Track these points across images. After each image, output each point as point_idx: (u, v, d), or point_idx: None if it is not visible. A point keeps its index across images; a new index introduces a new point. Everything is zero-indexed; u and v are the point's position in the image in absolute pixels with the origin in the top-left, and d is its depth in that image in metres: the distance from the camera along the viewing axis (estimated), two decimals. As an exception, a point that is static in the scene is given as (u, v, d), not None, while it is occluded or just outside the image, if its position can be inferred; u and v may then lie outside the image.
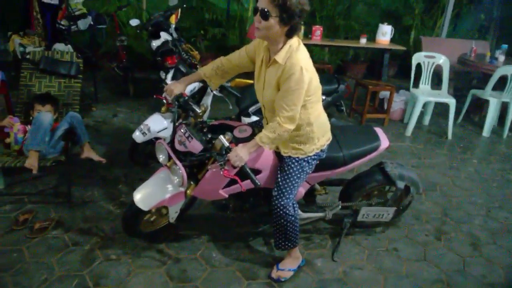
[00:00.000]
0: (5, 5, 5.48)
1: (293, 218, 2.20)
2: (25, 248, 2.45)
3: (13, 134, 2.93)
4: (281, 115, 1.92)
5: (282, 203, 2.13)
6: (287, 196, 2.14)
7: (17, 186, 3.09)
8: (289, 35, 1.88)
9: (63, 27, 4.58)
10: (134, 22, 4.58)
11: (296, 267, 2.41)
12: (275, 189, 2.17)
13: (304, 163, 2.17)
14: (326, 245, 2.71)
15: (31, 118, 2.98)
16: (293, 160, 2.16)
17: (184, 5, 4.96)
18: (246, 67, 2.22)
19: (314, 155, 2.18)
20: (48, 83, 3.33)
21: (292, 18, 1.79)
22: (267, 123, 2.10)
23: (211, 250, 2.57)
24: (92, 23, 4.85)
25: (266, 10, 1.76)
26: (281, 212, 2.15)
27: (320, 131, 2.16)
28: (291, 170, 2.15)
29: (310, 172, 2.24)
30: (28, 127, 2.92)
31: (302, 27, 5.34)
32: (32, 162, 2.66)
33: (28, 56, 3.39)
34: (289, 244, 2.30)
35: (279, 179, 2.17)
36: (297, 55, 1.88)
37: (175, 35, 4.23)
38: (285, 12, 1.76)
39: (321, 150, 2.22)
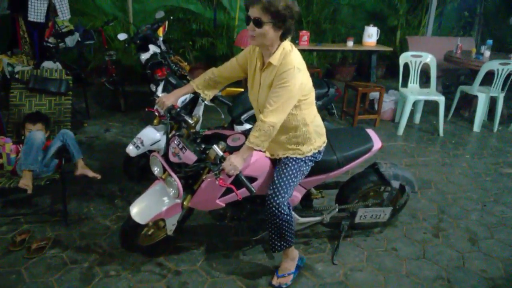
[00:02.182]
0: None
1: (287, 217, 2.19)
2: (23, 269, 2.43)
3: (5, 155, 2.92)
4: (265, 110, 1.95)
5: (278, 201, 2.13)
6: (282, 195, 2.14)
7: (12, 207, 3.06)
8: (283, 37, 1.94)
9: (51, 45, 4.57)
10: (121, 36, 4.59)
11: (295, 270, 2.40)
12: (271, 188, 2.17)
13: (301, 163, 2.19)
14: (325, 248, 2.72)
15: (22, 137, 2.97)
16: (291, 160, 2.18)
17: (171, 17, 4.98)
18: (237, 76, 2.27)
19: (311, 156, 2.21)
20: (38, 102, 3.33)
21: (285, 21, 1.86)
22: None
23: (211, 261, 2.56)
24: (79, 39, 4.85)
25: (258, 18, 1.82)
26: (276, 211, 2.15)
27: (316, 132, 2.20)
28: (288, 169, 2.16)
29: (306, 173, 2.26)
30: (21, 147, 2.90)
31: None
32: (26, 182, 2.65)
33: (17, 76, 3.38)
34: (285, 244, 2.29)
35: (275, 178, 2.18)
36: (291, 56, 1.95)
37: (163, 47, 4.24)
38: (277, 17, 1.83)
39: (318, 152, 2.24)
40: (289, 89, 1.91)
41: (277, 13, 1.82)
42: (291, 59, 1.93)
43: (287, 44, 1.98)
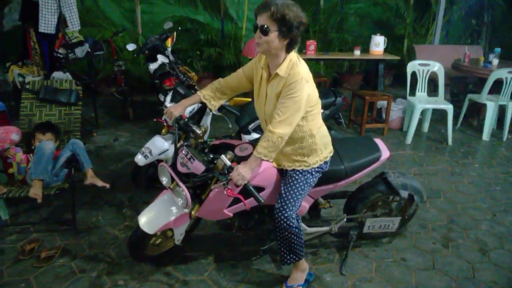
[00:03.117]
0: (3, 37, 5.57)
1: (296, 230, 2.19)
2: (32, 278, 2.44)
3: (16, 164, 2.95)
4: (273, 120, 1.95)
5: (286, 215, 2.13)
6: (290, 208, 2.14)
7: (22, 216, 3.09)
8: (288, 48, 1.94)
9: (61, 56, 4.64)
10: (130, 46, 4.65)
11: (304, 282, 2.39)
12: (278, 201, 2.17)
13: (308, 175, 2.18)
14: (333, 259, 2.70)
15: (33, 147, 3.01)
16: (297, 172, 2.18)
17: (179, 28, 5.03)
18: (244, 87, 2.27)
19: (317, 167, 2.20)
20: (49, 112, 3.37)
21: (291, 31, 1.86)
22: None
23: (219, 271, 2.55)
24: (89, 50, 4.92)
25: (265, 26, 1.84)
26: (284, 224, 2.15)
27: (322, 143, 2.19)
28: (295, 182, 2.16)
29: (313, 184, 2.25)
30: (31, 156, 2.94)
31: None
32: (36, 191, 2.68)
33: (27, 86, 3.43)
34: (294, 257, 2.29)
35: (283, 191, 2.17)
36: (298, 67, 1.95)
37: (171, 58, 4.29)
38: (284, 26, 1.84)
39: (325, 162, 2.24)
40: (297, 99, 1.91)
41: (284, 22, 1.82)
42: (298, 70, 1.94)
43: (293, 55, 1.99)
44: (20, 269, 2.51)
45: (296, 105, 1.92)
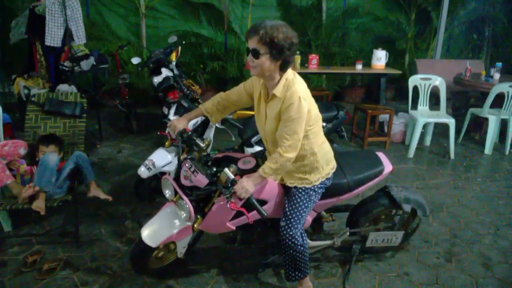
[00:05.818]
0: (9, 49, 5.64)
1: (302, 248, 2.19)
2: (34, 290, 2.44)
3: (19, 176, 2.96)
4: (282, 144, 1.96)
5: (291, 233, 2.14)
6: (296, 226, 2.15)
7: (25, 227, 3.10)
8: (283, 68, 1.95)
9: (66, 68, 4.69)
10: (135, 60, 4.70)
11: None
12: (283, 219, 2.17)
13: (311, 192, 2.19)
14: (336, 273, 2.68)
15: (37, 159, 3.03)
16: (300, 190, 2.18)
17: (184, 42, 5.10)
18: (245, 102, 2.28)
19: (320, 183, 2.21)
20: (53, 124, 3.40)
21: (282, 53, 1.86)
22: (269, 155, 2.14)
23: (221, 284, 2.54)
24: (94, 63, 4.97)
25: (256, 49, 1.85)
26: (289, 242, 2.15)
27: (324, 160, 2.19)
28: (298, 200, 2.16)
29: (317, 201, 2.25)
30: (34, 168, 2.95)
31: (299, 57, 5.47)
32: (39, 203, 2.69)
33: (33, 99, 3.46)
34: (299, 275, 2.28)
35: (287, 210, 2.18)
36: (294, 86, 1.95)
37: (176, 71, 4.33)
38: (274, 48, 1.84)
39: (327, 179, 2.24)
40: (300, 120, 1.93)
41: (274, 45, 1.83)
42: (295, 90, 1.93)
43: (289, 73, 1.99)
44: (22, 281, 2.51)
45: (300, 126, 1.93)
